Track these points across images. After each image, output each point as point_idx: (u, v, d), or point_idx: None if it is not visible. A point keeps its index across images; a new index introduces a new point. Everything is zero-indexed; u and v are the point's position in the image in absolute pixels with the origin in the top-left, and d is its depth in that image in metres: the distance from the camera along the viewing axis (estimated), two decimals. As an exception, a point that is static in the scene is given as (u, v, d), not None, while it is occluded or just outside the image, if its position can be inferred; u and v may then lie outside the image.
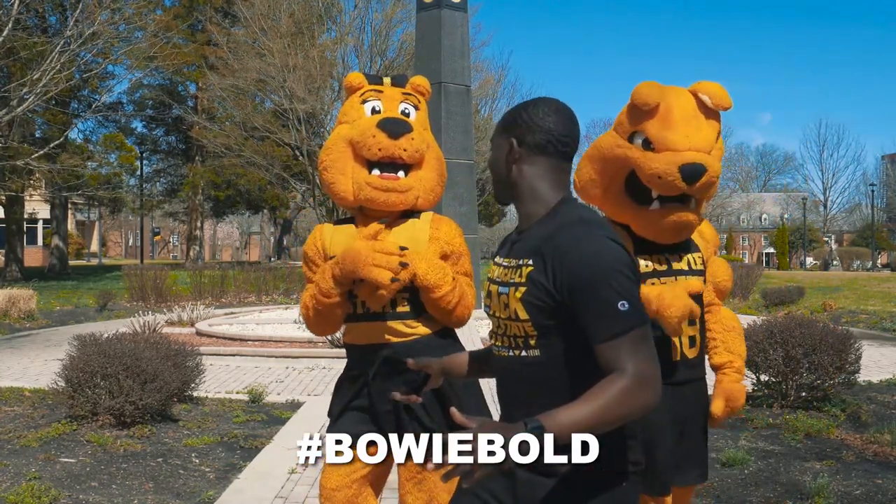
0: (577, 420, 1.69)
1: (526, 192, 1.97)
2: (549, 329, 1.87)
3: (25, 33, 22.70)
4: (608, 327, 1.76)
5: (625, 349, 1.75)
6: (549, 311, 1.85)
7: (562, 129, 1.95)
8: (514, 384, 1.98)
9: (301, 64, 26.28)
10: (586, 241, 1.82)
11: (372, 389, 2.85)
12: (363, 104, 2.97)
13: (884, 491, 4.69)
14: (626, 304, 1.77)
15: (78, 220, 56.83)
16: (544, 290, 1.84)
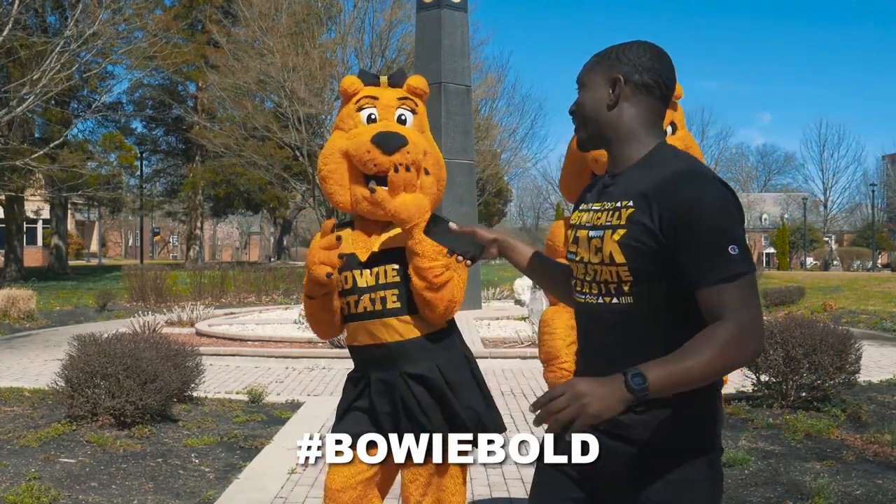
0: (680, 371, 1.64)
1: (624, 134, 1.90)
2: (645, 274, 1.79)
3: (25, 33, 22.68)
4: (717, 271, 1.70)
5: (731, 295, 1.69)
6: (650, 254, 1.77)
7: (667, 73, 1.91)
8: (600, 333, 1.90)
9: (301, 64, 26.28)
10: (696, 182, 1.76)
11: (371, 390, 2.85)
12: (359, 111, 2.95)
13: (884, 491, 4.69)
14: (737, 249, 1.71)
15: (78, 220, 56.83)
16: (647, 231, 1.77)
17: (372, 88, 2.99)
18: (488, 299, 17.67)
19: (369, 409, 2.86)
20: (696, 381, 1.66)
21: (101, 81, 28.89)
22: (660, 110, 1.92)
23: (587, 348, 1.96)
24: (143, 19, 25.54)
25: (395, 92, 3.00)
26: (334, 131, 3.03)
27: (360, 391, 2.90)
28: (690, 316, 1.76)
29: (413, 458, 2.68)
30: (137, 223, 53.22)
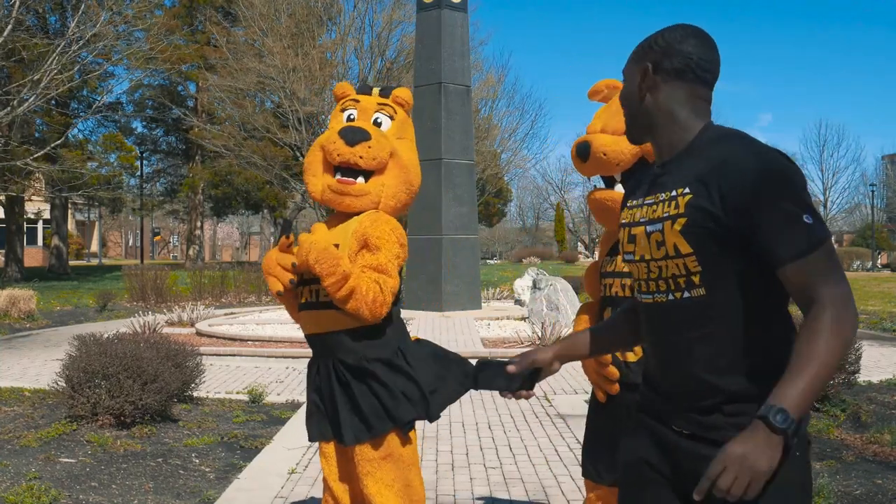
0: (810, 383, 1.56)
1: (664, 121, 1.84)
2: (716, 261, 1.70)
3: (27, 34, 22.68)
4: (794, 244, 1.61)
5: (817, 269, 1.61)
6: (717, 239, 1.69)
7: (701, 53, 1.82)
8: (671, 332, 1.79)
9: (301, 64, 26.28)
10: (752, 154, 1.68)
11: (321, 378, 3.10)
12: (342, 112, 3.24)
13: (884, 491, 4.69)
14: (811, 217, 1.62)
15: (78, 220, 56.82)
16: (710, 216, 1.68)
17: (359, 95, 3.26)
18: (488, 299, 17.67)
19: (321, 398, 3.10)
20: (826, 381, 1.61)
21: (102, 82, 28.89)
22: (699, 93, 1.84)
23: (662, 351, 1.84)
24: (143, 20, 25.52)
25: (377, 98, 3.24)
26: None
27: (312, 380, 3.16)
28: (769, 300, 1.69)
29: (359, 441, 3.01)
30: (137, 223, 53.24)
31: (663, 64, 1.83)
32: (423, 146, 16.94)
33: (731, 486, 1.56)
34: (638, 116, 1.90)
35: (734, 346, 1.69)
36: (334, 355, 3.05)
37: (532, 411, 7.08)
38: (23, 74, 22.27)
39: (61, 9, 28.32)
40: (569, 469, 5.21)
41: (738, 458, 1.56)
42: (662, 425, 1.82)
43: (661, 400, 1.84)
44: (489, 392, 7.92)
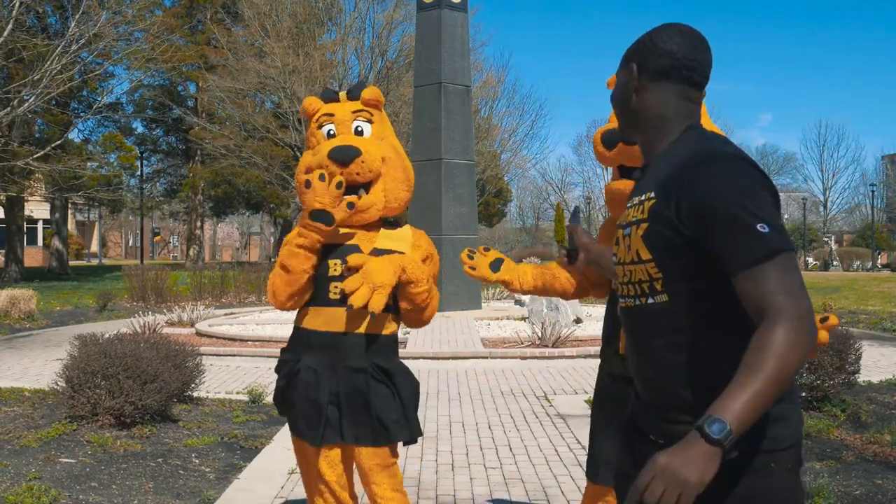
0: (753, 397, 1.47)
1: (649, 123, 1.81)
2: (675, 269, 1.67)
3: (27, 34, 22.67)
4: (748, 251, 1.54)
5: (770, 278, 1.52)
6: (675, 247, 1.65)
7: (687, 52, 1.77)
8: (642, 337, 1.77)
9: (302, 65, 26.28)
10: (712, 160, 1.64)
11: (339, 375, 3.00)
12: (319, 129, 3.16)
13: (884, 491, 4.69)
14: (767, 227, 1.54)
15: (78, 220, 56.82)
16: (667, 223, 1.65)
17: (330, 106, 3.19)
18: (488, 299, 17.67)
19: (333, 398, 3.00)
20: (774, 397, 1.50)
21: (102, 82, 28.90)
22: (686, 93, 1.79)
23: (635, 355, 1.82)
24: (143, 20, 25.52)
25: (350, 105, 3.18)
26: (305, 151, 3.23)
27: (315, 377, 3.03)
28: (732, 309, 1.61)
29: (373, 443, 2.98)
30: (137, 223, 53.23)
31: (648, 64, 1.80)
32: (423, 146, 16.98)
33: (660, 498, 1.47)
34: (627, 117, 1.89)
35: (698, 356, 1.65)
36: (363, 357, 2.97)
37: (532, 411, 7.08)
38: (23, 74, 22.27)
39: (61, 9, 28.32)
40: (569, 469, 5.21)
41: (666, 470, 1.48)
42: (643, 434, 1.80)
43: (642, 408, 1.82)
44: (489, 392, 7.96)
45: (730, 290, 1.60)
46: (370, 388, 2.97)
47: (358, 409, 2.98)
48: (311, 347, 3.05)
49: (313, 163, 3.05)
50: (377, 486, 3.00)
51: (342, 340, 2.98)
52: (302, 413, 3.03)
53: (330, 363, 3.00)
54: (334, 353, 2.99)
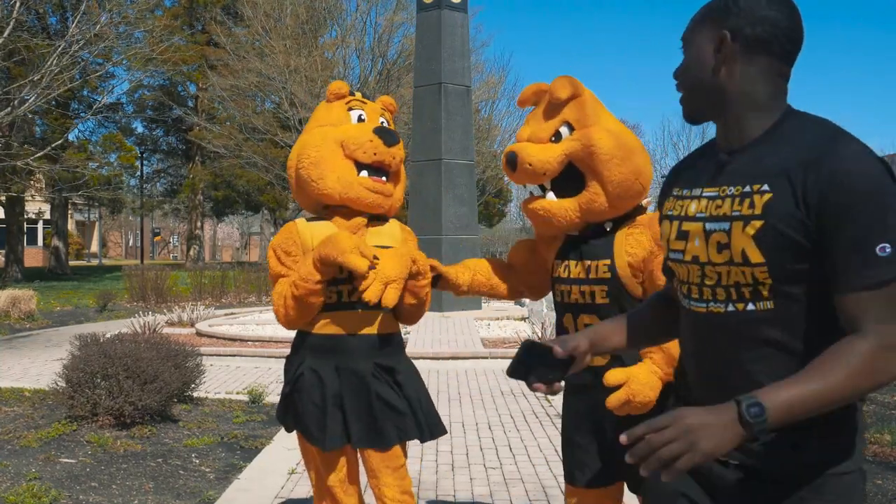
0: (805, 396, 1.36)
1: (740, 100, 1.56)
2: (791, 274, 1.47)
3: (27, 34, 22.68)
4: (858, 274, 1.39)
5: (874, 306, 1.38)
6: (797, 250, 1.45)
7: (789, 21, 1.54)
8: (731, 347, 1.55)
9: (303, 65, 26.29)
10: (853, 155, 1.43)
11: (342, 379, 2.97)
12: (349, 111, 3.12)
13: (884, 491, 4.69)
14: (889, 249, 1.38)
15: (78, 220, 56.81)
16: (795, 223, 1.44)
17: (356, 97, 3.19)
18: (488, 299, 17.67)
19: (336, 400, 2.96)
20: (826, 407, 1.38)
21: (102, 82, 28.90)
22: (782, 70, 1.57)
23: (709, 367, 1.61)
24: (143, 21, 25.52)
25: (377, 104, 3.22)
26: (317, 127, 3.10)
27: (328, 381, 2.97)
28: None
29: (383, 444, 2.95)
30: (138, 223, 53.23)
31: (745, 31, 1.53)
32: (423, 146, 17.01)
33: (663, 446, 1.35)
34: (705, 92, 1.60)
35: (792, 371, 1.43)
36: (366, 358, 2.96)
37: (532, 411, 7.08)
38: (23, 74, 22.28)
39: (61, 9, 28.33)
40: (569, 469, 5.21)
41: (687, 427, 1.35)
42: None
43: None
44: (489, 392, 7.95)
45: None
46: (373, 388, 2.95)
47: (362, 411, 2.96)
48: (313, 351, 3.02)
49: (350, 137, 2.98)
50: (386, 489, 2.98)
51: (344, 342, 2.96)
52: (310, 417, 2.99)
53: (333, 366, 2.97)
54: (336, 355, 2.97)
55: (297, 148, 3.09)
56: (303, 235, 2.99)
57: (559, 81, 2.81)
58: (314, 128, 3.11)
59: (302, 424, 3.02)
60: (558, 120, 2.80)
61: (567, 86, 2.78)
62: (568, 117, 2.79)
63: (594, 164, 2.71)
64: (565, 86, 2.79)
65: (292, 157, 3.11)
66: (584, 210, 2.77)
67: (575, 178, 2.77)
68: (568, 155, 2.75)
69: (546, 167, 2.78)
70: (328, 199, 3.01)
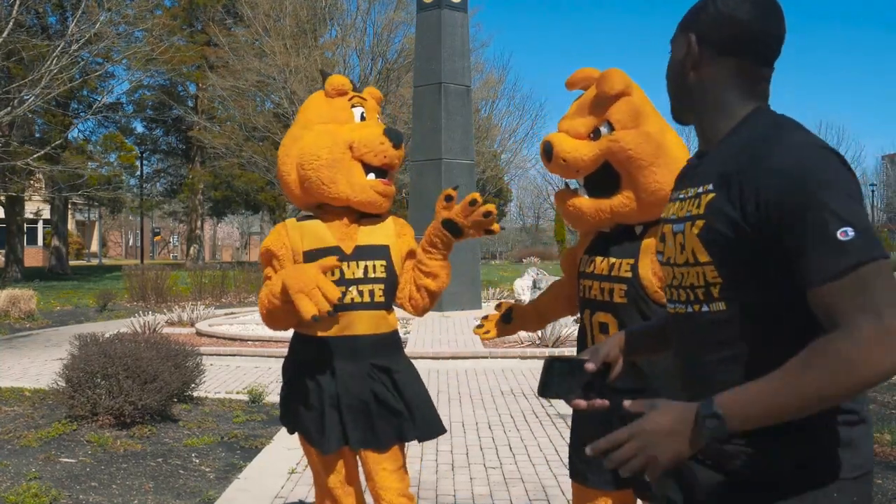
0: (769, 402, 1.30)
1: (707, 104, 1.56)
2: (739, 274, 1.44)
3: (26, 34, 22.68)
4: (823, 265, 1.31)
5: (846, 295, 1.29)
6: (739, 249, 1.42)
7: (761, 21, 1.51)
8: (692, 349, 1.55)
9: (303, 65, 26.29)
10: (789, 149, 1.39)
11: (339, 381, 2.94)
12: (353, 108, 3.10)
13: (884, 491, 4.69)
14: (851, 231, 1.30)
15: (78, 220, 56.80)
16: (729, 221, 1.42)
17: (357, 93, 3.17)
18: (488, 299, 17.66)
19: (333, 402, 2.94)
20: (796, 413, 1.31)
21: (102, 82, 28.90)
22: (755, 71, 1.54)
23: (684, 367, 1.60)
24: (143, 20, 25.52)
25: (374, 99, 3.20)
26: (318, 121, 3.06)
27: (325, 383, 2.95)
28: (803, 322, 1.39)
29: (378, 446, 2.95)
30: (137, 223, 53.22)
31: (711, 35, 1.53)
32: (423, 146, 16.98)
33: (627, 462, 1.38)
34: (680, 95, 1.62)
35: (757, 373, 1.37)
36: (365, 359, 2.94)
37: (532, 411, 7.08)
38: (23, 74, 22.27)
39: (61, 9, 28.32)
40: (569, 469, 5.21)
41: (646, 439, 1.37)
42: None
43: None
44: (489, 392, 7.95)
45: (800, 299, 1.37)
46: (370, 390, 2.94)
47: (359, 412, 2.94)
48: (309, 353, 3.00)
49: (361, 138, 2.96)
50: (384, 491, 2.97)
51: (339, 344, 2.94)
52: (309, 421, 2.98)
53: (329, 367, 2.95)
54: (332, 357, 2.95)
55: (300, 146, 3.01)
56: (292, 237, 2.97)
57: (610, 76, 2.71)
58: (316, 124, 3.05)
59: (301, 427, 3.01)
60: (601, 117, 2.73)
61: (617, 82, 2.69)
62: (611, 116, 2.71)
63: (630, 168, 2.67)
64: (615, 82, 2.70)
65: (290, 154, 3.04)
66: (615, 213, 2.74)
67: (611, 177, 2.72)
68: (604, 154, 2.70)
69: (579, 164, 2.73)
70: (337, 201, 2.98)
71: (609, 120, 2.71)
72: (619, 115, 2.70)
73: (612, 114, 2.70)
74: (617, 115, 2.70)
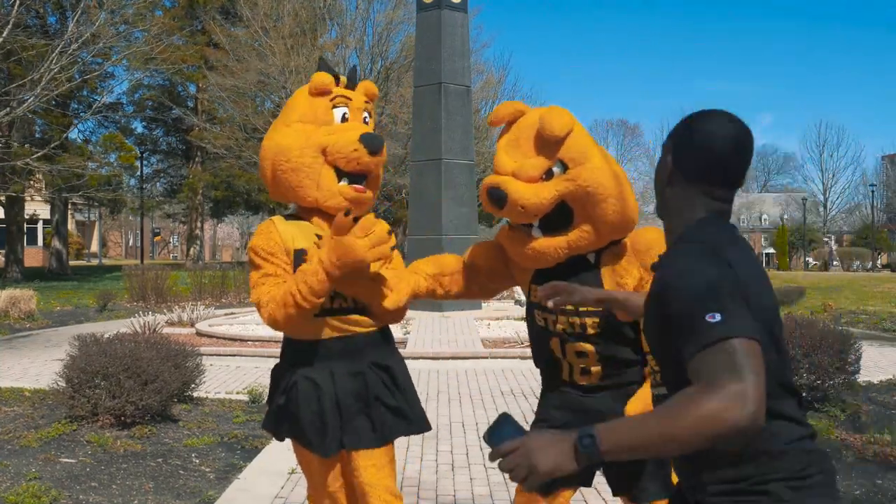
0: (635, 437, 1.52)
1: (673, 213, 1.82)
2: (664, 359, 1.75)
3: (25, 34, 22.67)
4: (695, 340, 1.55)
5: (711, 361, 1.51)
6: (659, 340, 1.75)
7: (726, 150, 1.73)
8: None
9: (303, 65, 26.29)
10: (678, 257, 1.69)
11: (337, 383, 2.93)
12: (334, 109, 3.03)
13: (884, 491, 4.69)
14: (718, 316, 1.54)
15: (78, 220, 56.81)
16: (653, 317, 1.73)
17: (342, 89, 3.07)
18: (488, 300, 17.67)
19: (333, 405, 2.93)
20: (659, 450, 1.52)
21: (101, 82, 28.90)
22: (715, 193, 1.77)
23: None
24: (144, 21, 25.52)
25: (360, 95, 3.10)
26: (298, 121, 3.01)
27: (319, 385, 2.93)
28: None
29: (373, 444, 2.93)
30: (137, 223, 53.23)
31: (684, 163, 1.77)
32: (423, 146, 16.94)
33: (511, 470, 1.59)
34: (659, 198, 1.87)
35: None
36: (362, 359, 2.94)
37: (532, 411, 7.06)
38: (22, 74, 22.27)
39: (60, 9, 28.32)
40: (569, 469, 5.21)
41: (529, 451, 1.58)
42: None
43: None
44: (489, 392, 7.95)
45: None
46: (372, 390, 2.94)
47: (359, 413, 2.94)
48: (306, 358, 2.97)
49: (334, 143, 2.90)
50: (371, 488, 2.97)
51: (338, 346, 2.93)
52: (309, 425, 2.94)
53: (328, 371, 2.93)
54: (331, 360, 2.93)
55: (275, 144, 2.97)
56: (283, 236, 2.92)
57: (556, 118, 2.68)
58: (294, 121, 3.01)
59: (299, 433, 2.97)
60: (552, 158, 2.69)
61: (566, 123, 2.66)
62: (563, 155, 2.67)
63: (587, 203, 2.65)
64: (564, 123, 2.66)
65: (268, 151, 3.00)
66: (572, 247, 2.72)
67: (564, 214, 2.70)
68: (562, 195, 2.67)
69: (539, 210, 2.68)
70: (305, 203, 2.96)
71: (562, 159, 2.67)
72: (571, 154, 2.67)
73: (564, 153, 2.68)
74: (568, 153, 2.67)
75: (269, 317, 2.86)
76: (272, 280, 2.87)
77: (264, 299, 2.86)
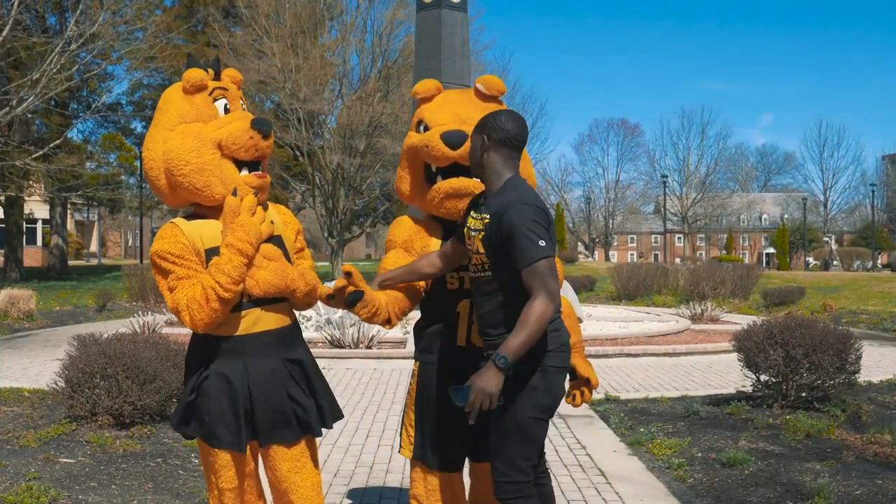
0: (521, 341, 2.65)
1: (490, 171, 2.93)
2: (496, 260, 2.83)
3: (25, 34, 22.66)
4: (527, 257, 2.69)
5: (537, 273, 2.68)
6: (496, 249, 2.80)
7: (516, 130, 2.91)
8: (478, 296, 2.96)
9: (303, 65, 26.28)
10: (512, 204, 2.77)
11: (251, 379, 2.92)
12: (215, 102, 3.03)
13: (884, 491, 4.68)
14: (542, 241, 2.71)
15: (77, 220, 56.80)
16: (495, 235, 2.80)
17: (216, 81, 3.09)
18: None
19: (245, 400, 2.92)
20: (534, 340, 2.68)
21: (101, 82, 28.89)
22: (512, 155, 2.92)
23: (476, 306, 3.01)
24: (143, 21, 25.50)
25: (231, 84, 3.13)
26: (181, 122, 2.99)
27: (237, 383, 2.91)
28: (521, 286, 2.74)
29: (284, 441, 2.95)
30: (137, 223, 53.17)
31: (493, 136, 2.90)
32: (422, 146, 16.67)
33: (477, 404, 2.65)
34: (477, 166, 2.98)
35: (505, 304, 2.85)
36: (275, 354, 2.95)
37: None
38: (22, 74, 22.26)
39: (60, 8, 28.30)
40: (568, 469, 5.21)
41: (478, 388, 2.65)
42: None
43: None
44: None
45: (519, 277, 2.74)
46: (284, 385, 2.94)
47: (271, 408, 2.92)
48: (219, 354, 2.93)
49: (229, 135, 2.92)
50: (291, 485, 2.96)
51: (250, 341, 2.91)
52: (220, 421, 2.89)
53: (240, 366, 2.91)
54: (243, 355, 2.91)
55: (165, 151, 2.94)
56: (190, 237, 2.89)
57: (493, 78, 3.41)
58: (176, 124, 2.97)
59: (209, 430, 2.92)
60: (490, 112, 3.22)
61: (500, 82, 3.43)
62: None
63: None
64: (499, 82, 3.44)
65: (156, 161, 2.96)
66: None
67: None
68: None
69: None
70: (212, 202, 2.95)
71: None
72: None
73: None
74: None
75: (191, 319, 2.83)
76: (186, 283, 2.84)
77: (183, 302, 2.82)
